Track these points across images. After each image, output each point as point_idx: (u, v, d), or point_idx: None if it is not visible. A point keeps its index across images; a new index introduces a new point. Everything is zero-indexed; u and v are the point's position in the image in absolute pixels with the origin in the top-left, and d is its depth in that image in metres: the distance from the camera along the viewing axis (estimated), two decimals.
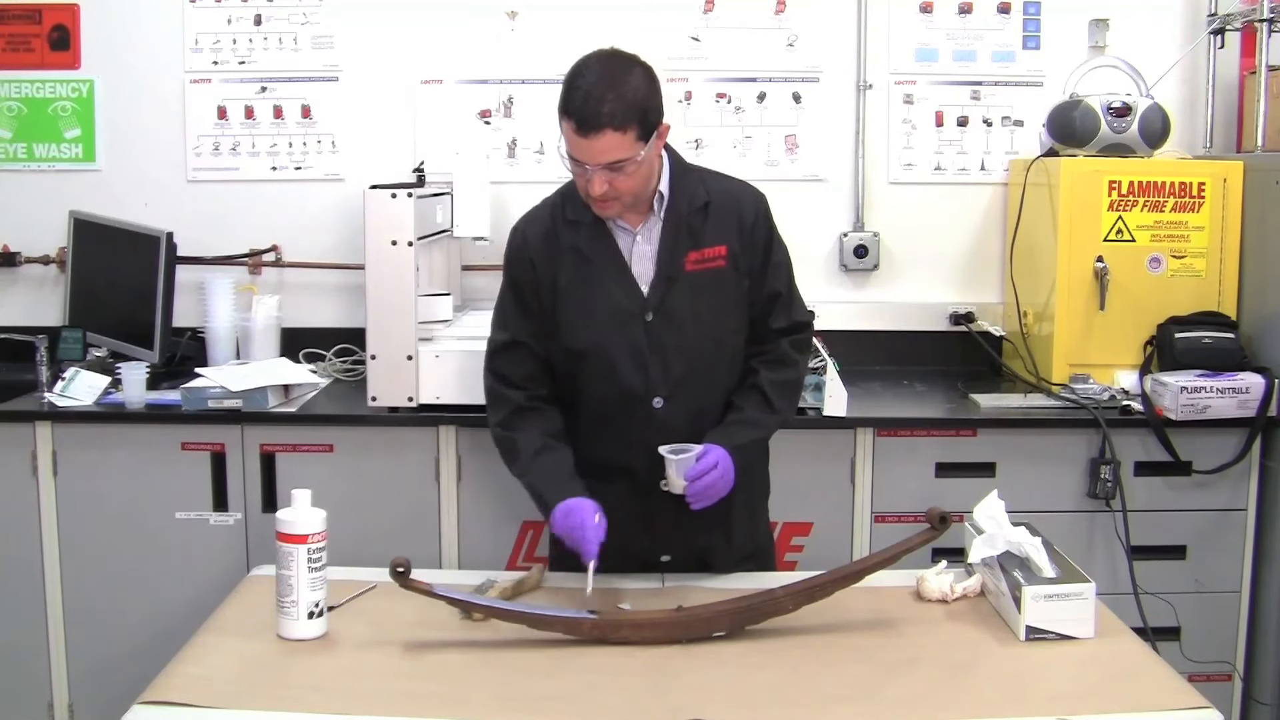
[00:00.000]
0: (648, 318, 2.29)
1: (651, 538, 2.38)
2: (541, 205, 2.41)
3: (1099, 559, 2.97)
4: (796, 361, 2.43)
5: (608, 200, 2.21)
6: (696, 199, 2.32)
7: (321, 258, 3.60)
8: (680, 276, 2.29)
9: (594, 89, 2.12)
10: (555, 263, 2.31)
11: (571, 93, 2.14)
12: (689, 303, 2.30)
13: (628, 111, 2.13)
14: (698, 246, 2.30)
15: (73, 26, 3.58)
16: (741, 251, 2.33)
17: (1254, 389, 2.97)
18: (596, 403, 2.34)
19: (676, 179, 2.32)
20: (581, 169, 2.18)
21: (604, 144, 2.13)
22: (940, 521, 2.10)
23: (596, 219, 2.30)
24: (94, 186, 3.60)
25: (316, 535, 2.04)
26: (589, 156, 2.15)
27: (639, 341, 2.29)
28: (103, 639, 3.00)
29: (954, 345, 3.58)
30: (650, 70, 2.21)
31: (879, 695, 1.89)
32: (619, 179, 2.18)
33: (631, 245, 2.31)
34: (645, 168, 2.21)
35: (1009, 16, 3.60)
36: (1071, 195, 3.17)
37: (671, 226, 2.30)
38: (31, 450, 2.98)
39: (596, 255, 2.30)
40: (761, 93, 3.60)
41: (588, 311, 2.30)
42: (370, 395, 2.95)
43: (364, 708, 1.83)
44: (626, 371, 2.29)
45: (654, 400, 2.30)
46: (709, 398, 2.35)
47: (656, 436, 2.27)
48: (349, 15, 3.57)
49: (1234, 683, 3.08)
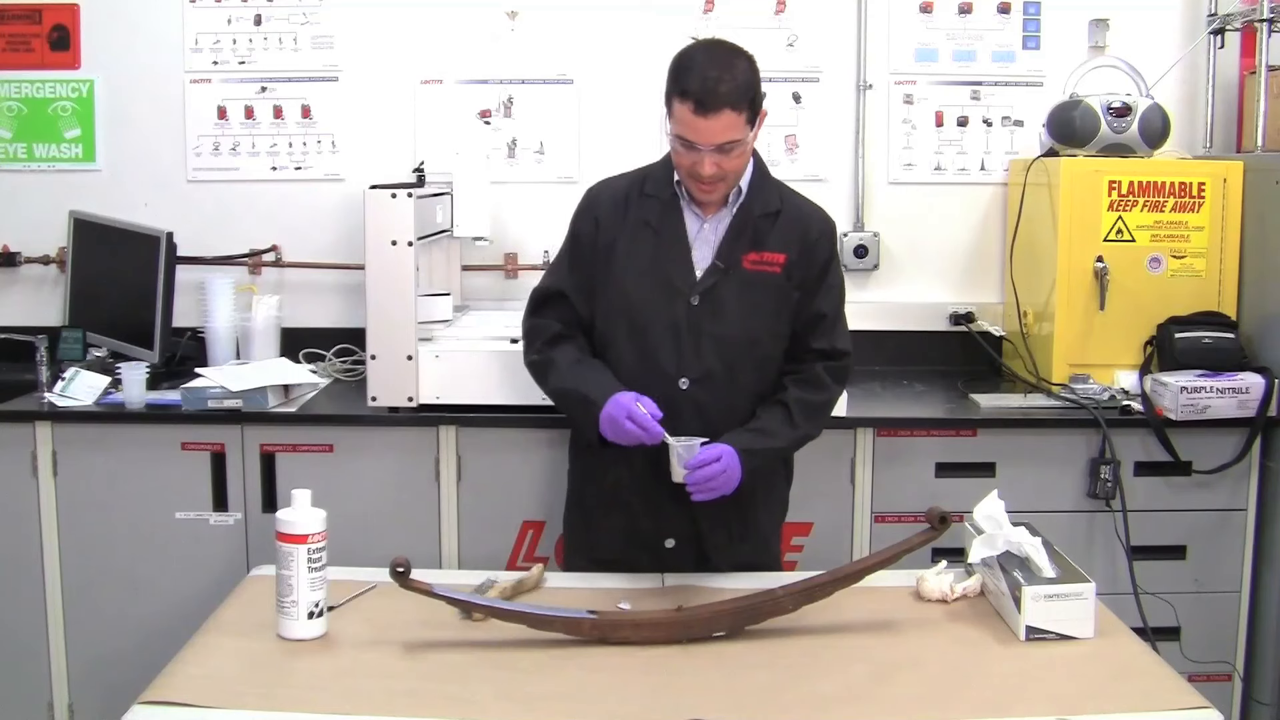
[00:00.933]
0: (693, 300, 2.35)
1: (656, 521, 2.40)
2: (622, 175, 2.50)
3: (1099, 559, 2.97)
4: (829, 386, 2.44)
5: (715, 183, 2.28)
6: (770, 204, 2.39)
7: (321, 258, 3.60)
8: (735, 270, 2.35)
9: (711, 70, 2.20)
10: (620, 226, 2.39)
11: (686, 75, 2.21)
12: (736, 297, 2.35)
13: (741, 93, 2.22)
14: (759, 249, 2.36)
15: (73, 26, 3.58)
16: (798, 266, 2.38)
17: (1254, 389, 2.97)
18: (626, 375, 2.36)
19: (756, 181, 2.40)
20: (694, 150, 2.24)
21: (721, 124, 2.21)
22: (940, 521, 2.10)
23: (673, 197, 2.37)
24: (94, 186, 3.60)
25: (316, 535, 2.04)
26: (706, 136, 2.22)
27: (679, 320, 2.34)
28: (103, 639, 3.00)
29: (954, 345, 3.58)
30: (753, 59, 2.30)
31: (879, 695, 1.89)
32: (727, 160, 2.26)
33: (698, 230, 2.38)
34: (747, 152, 2.32)
35: (1009, 16, 3.60)
36: (1071, 195, 3.17)
37: (739, 222, 2.37)
38: (31, 450, 2.98)
39: (663, 229, 2.37)
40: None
41: (639, 280, 2.36)
42: (370, 395, 2.95)
43: (364, 708, 1.83)
44: (661, 346, 2.35)
45: (681, 381, 2.35)
46: (733, 394, 2.38)
47: (677, 419, 2.30)
48: (349, 15, 3.57)
49: (1234, 683, 3.08)
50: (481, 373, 2.92)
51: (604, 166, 2.65)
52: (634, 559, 2.41)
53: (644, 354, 2.36)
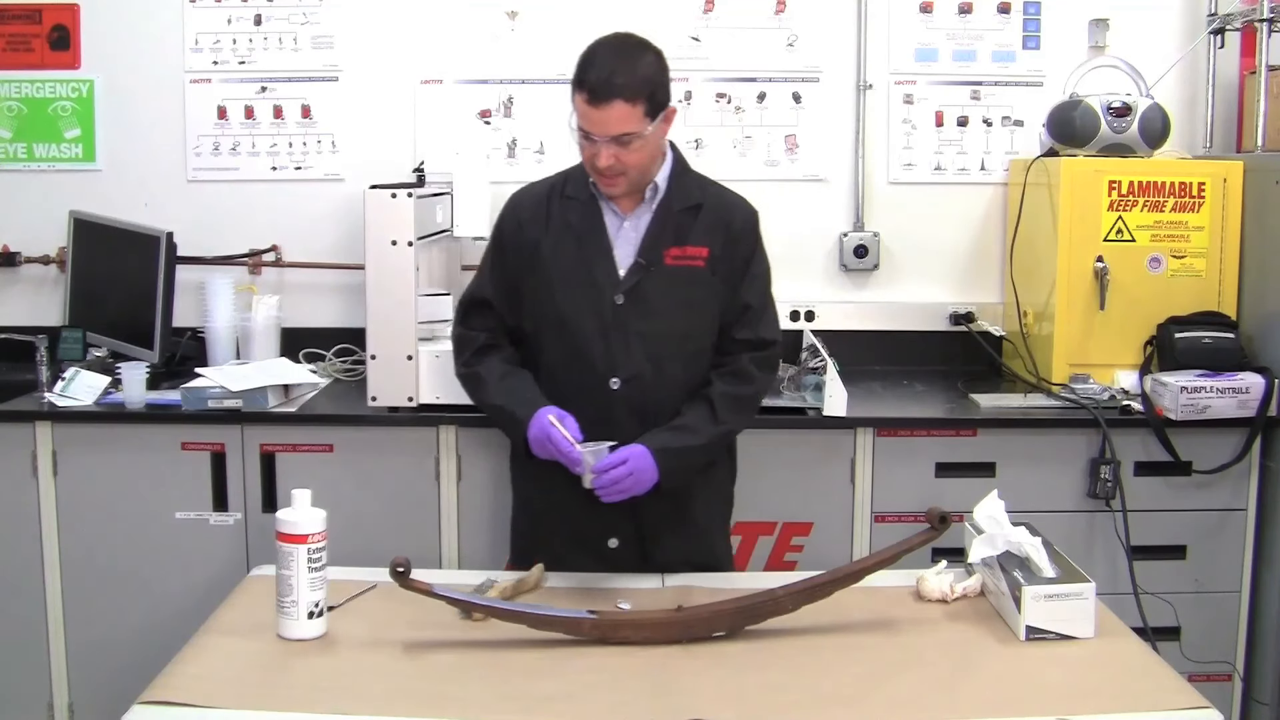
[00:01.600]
0: (618, 299, 2.35)
1: (599, 522, 2.41)
2: (542, 180, 2.52)
3: (1099, 559, 2.97)
4: (755, 379, 2.44)
5: (614, 175, 2.29)
6: (690, 198, 2.40)
7: (321, 258, 3.60)
8: (658, 266, 2.36)
9: (607, 62, 2.25)
10: (542, 229, 2.40)
11: (586, 66, 2.25)
12: (662, 293, 2.36)
13: (638, 86, 2.24)
14: (681, 243, 2.37)
15: (73, 26, 3.58)
16: (722, 258, 2.39)
17: (1254, 389, 2.97)
18: (556, 378, 2.39)
19: (676, 176, 2.41)
20: (591, 141, 2.27)
21: (614, 115, 2.23)
22: (940, 521, 2.10)
23: (591, 198, 2.38)
24: (94, 186, 3.60)
25: (316, 535, 2.04)
26: (599, 128, 2.24)
27: (606, 319, 2.35)
28: (103, 639, 3.00)
29: (954, 345, 3.58)
30: (661, 54, 2.33)
31: (879, 695, 1.89)
32: (626, 153, 2.26)
33: (619, 229, 2.39)
34: (650, 146, 2.30)
35: (1009, 16, 3.59)
36: (1071, 195, 3.17)
37: (660, 218, 2.38)
38: (31, 450, 2.98)
39: (584, 231, 2.38)
40: (761, 93, 3.60)
41: (563, 281, 2.37)
42: (370, 395, 2.95)
43: (364, 708, 1.83)
44: (590, 347, 2.36)
45: (611, 381, 2.36)
46: (665, 391, 2.39)
47: (610, 419, 2.33)
48: (349, 15, 3.57)
49: (1234, 683, 3.08)
50: None
51: None
52: (579, 561, 2.40)
53: (574, 355, 2.37)
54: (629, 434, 2.32)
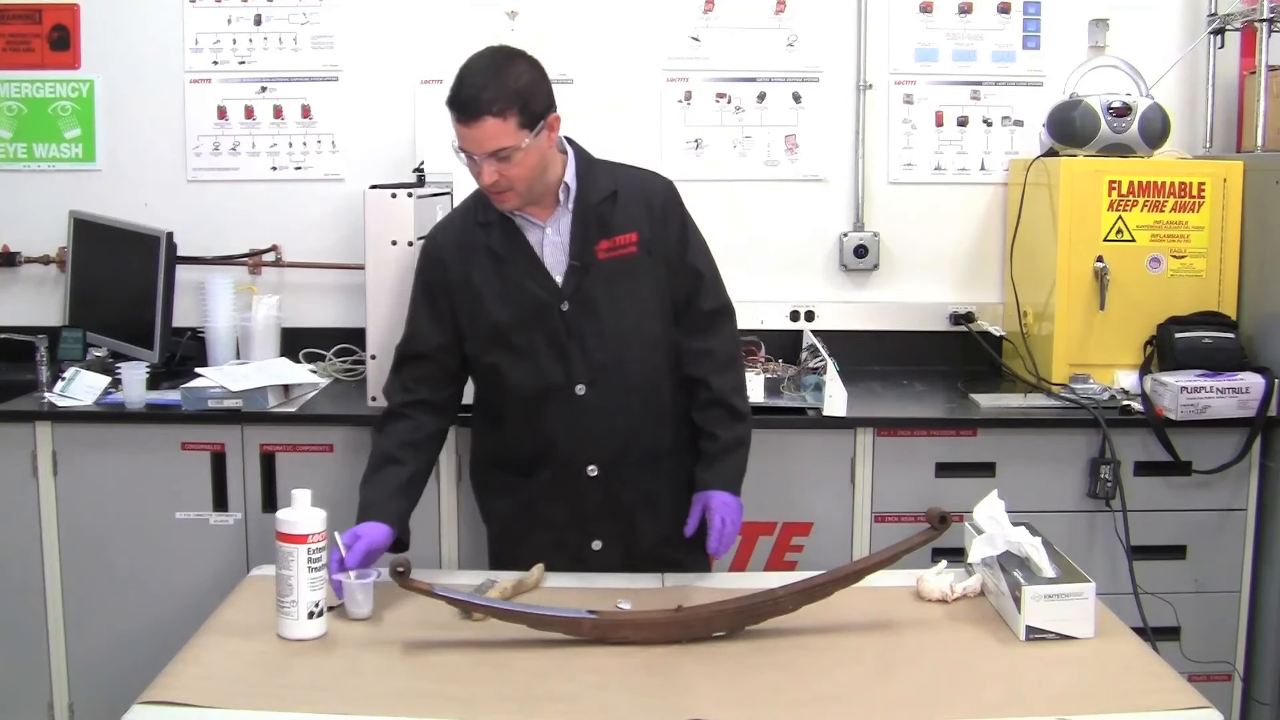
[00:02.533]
0: (564, 307, 2.35)
1: (580, 528, 2.43)
2: (454, 211, 2.51)
3: (1099, 559, 2.97)
4: (737, 356, 2.51)
5: (502, 191, 2.27)
6: (604, 189, 2.37)
7: (321, 258, 3.60)
8: (593, 264, 2.35)
9: (474, 79, 2.20)
10: (468, 262, 2.38)
11: (456, 85, 2.22)
12: (604, 290, 2.36)
13: (508, 99, 2.19)
14: (608, 235, 2.36)
15: (73, 26, 3.58)
16: (654, 238, 2.39)
17: (1254, 389, 2.97)
18: (520, 396, 2.39)
19: (583, 172, 2.38)
20: (471, 159, 2.24)
21: (485, 131, 2.19)
22: (940, 521, 2.10)
23: (506, 217, 2.36)
24: (94, 186, 3.60)
25: (316, 535, 2.04)
26: (474, 145, 2.22)
27: (557, 330, 2.35)
28: (103, 639, 3.00)
29: (954, 345, 3.58)
30: (535, 62, 2.28)
31: (879, 695, 1.89)
32: (507, 168, 2.23)
33: (542, 239, 2.37)
34: (534, 157, 2.25)
35: (1009, 16, 3.59)
36: (1071, 195, 3.17)
37: (580, 217, 2.36)
38: (31, 450, 2.98)
39: (508, 251, 2.36)
40: (761, 93, 3.60)
41: (504, 306, 2.35)
42: (370, 395, 2.95)
43: (364, 708, 1.83)
44: (547, 361, 2.36)
45: (576, 388, 2.36)
46: (632, 384, 2.40)
47: (581, 425, 2.36)
48: (349, 15, 3.57)
49: (1234, 683, 3.08)
50: None
51: None
52: (562, 566, 2.39)
53: (534, 373, 2.37)
54: (601, 432, 2.36)
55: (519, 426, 2.42)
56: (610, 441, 2.39)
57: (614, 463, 2.40)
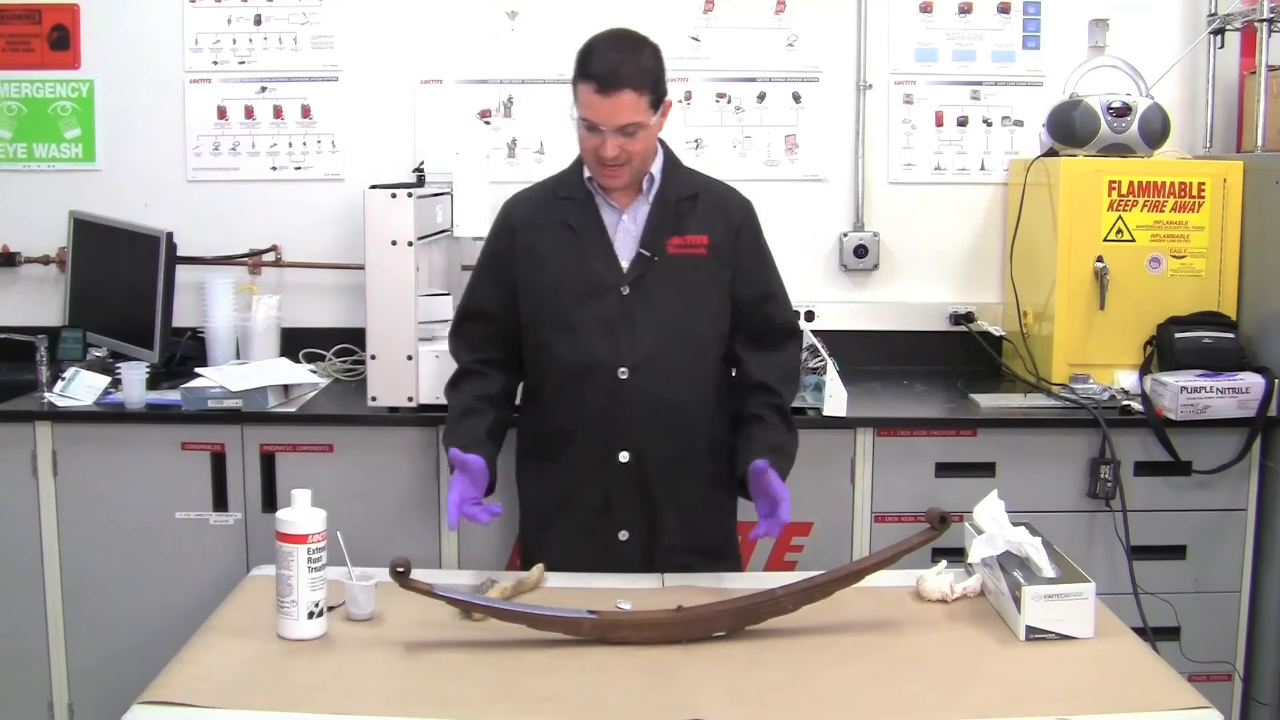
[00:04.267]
0: (624, 290, 2.38)
1: (607, 516, 2.43)
2: (534, 185, 2.57)
3: (1099, 559, 2.97)
4: (799, 375, 2.57)
5: (619, 166, 2.32)
6: (685, 189, 2.45)
7: (321, 258, 3.60)
8: (661, 256, 2.39)
9: (613, 54, 2.29)
10: (538, 231, 2.43)
11: (589, 58, 2.30)
12: (666, 283, 2.39)
13: (643, 77, 2.29)
14: (681, 232, 2.41)
15: (73, 26, 3.58)
16: (725, 247, 2.43)
17: (1254, 389, 2.97)
18: (563, 370, 2.42)
19: (668, 168, 2.46)
20: (596, 133, 2.29)
21: (622, 104, 2.26)
22: (940, 521, 2.10)
23: (588, 195, 2.42)
24: (94, 186, 3.60)
25: (316, 535, 2.04)
26: (607, 117, 2.27)
27: (611, 312, 2.38)
28: (103, 639, 3.00)
29: (954, 345, 3.58)
30: (659, 49, 2.39)
31: (879, 695, 1.89)
32: (631, 143, 2.30)
33: (617, 223, 2.42)
34: (651, 137, 2.36)
35: (1009, 16, 3.60)
36: (1071, 195, 3.17)
37: (658, 209, 2.41)
38: (31, 450, 2.98)
39: (582, 227, 2.41)
40: (761, 93, 3.60)
41: (567, 279, 2.40)
42: (370, 395, 2.95)
43: (364, 708, 1.83)
44: (596, 340, 2.38)
45: (619, 370, 2.38)
46: (676, 378, 2.41)
47: (619, 407, 2.38)
48: (349, 15, 3.57)
49: (1234, 683, 3.08)
50: None
51: None
52: (588, 554, 2.41)
53: (581, 349, 2.39)
54: (638, 419, 2.38)
55: (558, 403, 2.44)
56: (645, 429, 2.40)
57: (646, 452, 2.41)
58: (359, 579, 2.15)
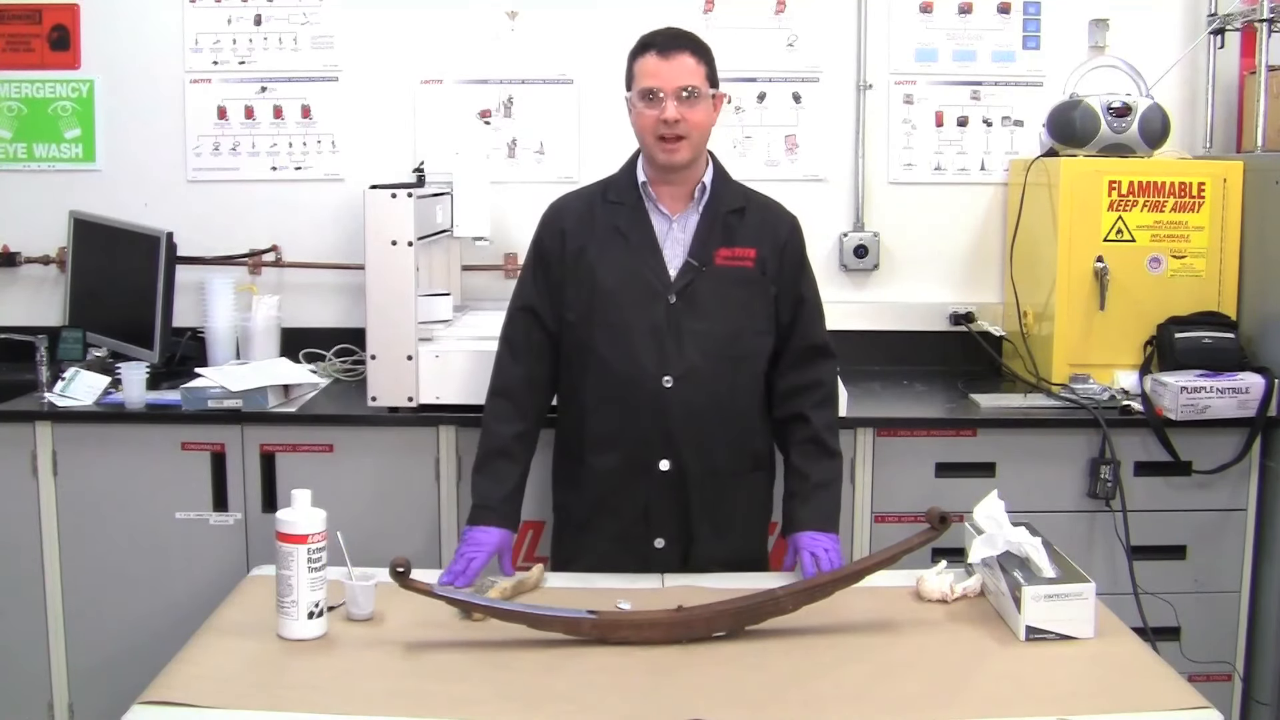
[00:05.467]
0: (671, 299, 2.38)
1: (645, 521, 2.43)
2: (584, 188, 2.58)
3: (1099, 559, 2.97)
4: (835, 395, 2.56)
5: (679, 137, 2.34)
6: (735, 201, 2.46)
7: (321, 258, 3.60)
8: (709, 266, 2.39)
9: (671, 29, 2.43)
10: (588, 235, 2.43)
11: (648, 36, 2.41)
12: (713, 293, 2.40)
13: (701, 49, 2.40)
14: (730, 244, 2.42)
15: (73, 26, 3.58)
16: (771, 261, 2.44)
17: (1254, 389, 2.97)
18: (607, 377, 2.41)
19: (719, 180, 2.47)
20: (656, 100, 2.34)
21: (682, 65, 2.35)
22: (940, 521, 2.10)
23: (638, 200, 2.43)
24: (94, 186, 3.60)
25: (316, 535, 2.04)
26: (669, 79, 2.34)
27: (659, 320, 2.38)
28: (103, 639, 3.00)
29: (954, 345, 3.58)
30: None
31: (879, 695, 1.89)
32: (689, 111, 2.34)
33: (667, 230, 2.43)
34: (707, 114, 2.39)
35: (1009, 16, 3.60)
36: (1071, 195, 3.17)
37: (708, 219, 2.42)
38: (31, 450, 2.98)
39: (632, 233, 2.42)
40: (761, 93, 3.60)
41: (615, 284, 2.40)
42: (370, 395, 2.95)
43: (364, 708, 1.83)
44: (642, 347, 2.38)
45: (664, 379, 2.38)
46: (717, 389, 2.41)
47: (662, 416, 2.37)
48: (349, 15, 3.57)
49: (1234, 683, 3.08)
50: (481, 373, 2.89)
51: (604, 166, 2.64)
52: (623, 561, 2.42)
53: (626, 355, 2.39)
54: (681, 428, 2.38)
55: (600, 410, 2.43)
56: (687, 439, 2.40)
57: (687, 462, 2.41)
58: (359, 579, 2.15)
